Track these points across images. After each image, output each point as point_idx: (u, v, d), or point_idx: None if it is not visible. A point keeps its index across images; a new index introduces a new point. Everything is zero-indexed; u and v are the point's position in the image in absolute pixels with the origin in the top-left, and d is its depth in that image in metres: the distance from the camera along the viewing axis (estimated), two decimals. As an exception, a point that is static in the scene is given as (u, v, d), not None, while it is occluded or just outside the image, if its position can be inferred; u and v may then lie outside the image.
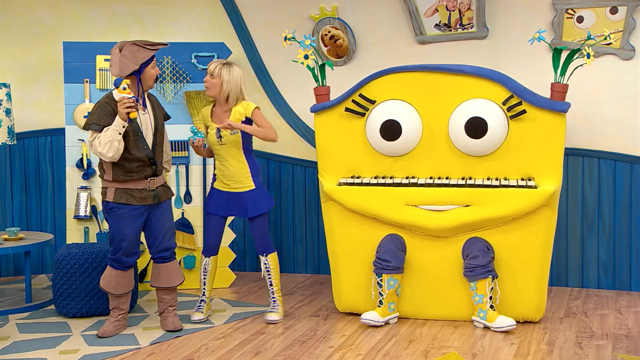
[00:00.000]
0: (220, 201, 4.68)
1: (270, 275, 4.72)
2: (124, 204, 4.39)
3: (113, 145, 4.24)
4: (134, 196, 4.40)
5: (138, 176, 4.40)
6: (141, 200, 4.41)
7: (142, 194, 4.42)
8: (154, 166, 4.45)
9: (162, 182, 4.54)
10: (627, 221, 5.25)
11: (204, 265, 4.77)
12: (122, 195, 4.39)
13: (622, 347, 4.18)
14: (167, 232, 4.54)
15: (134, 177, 4.39)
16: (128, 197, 4.39)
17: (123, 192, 4.39)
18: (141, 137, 4.38)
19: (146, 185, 4.43)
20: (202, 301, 4.78)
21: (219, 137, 4.58)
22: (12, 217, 5.96)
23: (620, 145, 5.22)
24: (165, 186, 4.58)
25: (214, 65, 4.59)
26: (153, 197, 4.45)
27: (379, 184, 4.67)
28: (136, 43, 4.38)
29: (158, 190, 4.48)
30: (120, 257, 4.45)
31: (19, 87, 5.81)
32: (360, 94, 4.73)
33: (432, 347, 4.22)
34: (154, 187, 4.46)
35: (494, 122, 4.50)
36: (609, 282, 5.32)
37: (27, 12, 5.89)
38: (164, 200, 4.52)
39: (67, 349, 4.26)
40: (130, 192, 4.40)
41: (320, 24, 5.64)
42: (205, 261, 4.77)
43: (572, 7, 5.17)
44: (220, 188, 4.68)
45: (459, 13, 5.35)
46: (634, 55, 5.12)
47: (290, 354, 4.14)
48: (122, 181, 4.39)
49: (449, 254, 4.62)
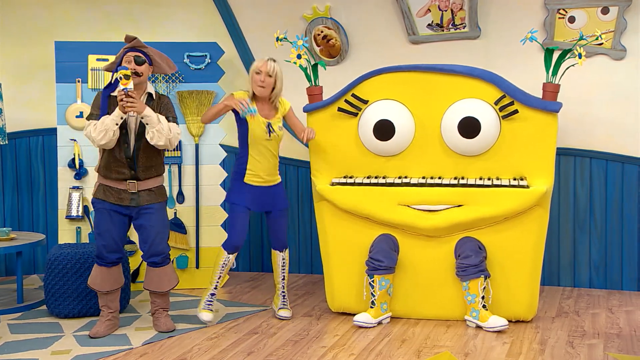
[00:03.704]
0: (254, 196, 4.60)
1: (284, 271, 4.78)
2: (102, 199, 4.41)
3: (107, 134, 4.24)
4: (112, 194, 4.40)
5: (116, 176, 4.38)
6: (118, 200, 4.40)
7: (120, 194, 4.40)
8: (132, 170, 4.38)
9: (147, 187, 4.44)
10: (619, 221, 5.27)
11: (224, 261, 4.62)
12: (102, 192, 4.42)
13: (614, 346, 4.20)
14: (157, 236, 4.46)
15: (112, 177, 4.38)
16: (107, 194, 4.41)
17: (103, 188, 4.42)
18: (125, 135, 4.35)
19: (126, 186, 4.39)
20: (213, 294, 4.67)
21: (269, 132, 4.56)
22: (3, 217, 5.95)
23: (611, 145, 5.24)
24: (154, 190, 4.47)
25: (270, 64, 4.53)
26: (131, 200, 4.40)
27: (372, 184, 4.68)
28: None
29: (140, 194, 4.41)
30: (100, 253, 4.45)
31: (10, 86, 5.80)
32: (353, 93, 4.74)
33: (425, 347, 4.23)
34: (134, 190, 4.39)
35: (486, 122, 4.51)
36: (600, 282, 5.35)
37: (20, 11, 5.87)
38: (146, 204, 4.42)
39: (59, 350, 4.25)
40: (109, 190, 4.41)
41: (313, 23, 5.64)
42: (226, 257, 4.62)
43: (563, 7, 5.19)
44: (254, 183, 4.60)
45: (452, 13, 5.36)
46: (625, 56, 5.14)
47: (283, 354, 4.14)
48: (103, 175, 4.41)
49: (441, 253, 4.63)
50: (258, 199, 4.63)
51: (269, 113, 4.62)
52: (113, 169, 4.37)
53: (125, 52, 4.35)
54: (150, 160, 4.43)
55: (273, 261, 4.82)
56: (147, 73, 4.39)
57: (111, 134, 4.24)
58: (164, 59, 4.49)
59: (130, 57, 4.33)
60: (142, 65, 4.34)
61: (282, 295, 4.80)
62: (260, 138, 4.57)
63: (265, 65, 4.54)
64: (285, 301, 4.80)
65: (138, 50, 4.36)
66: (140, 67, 4.33)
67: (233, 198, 4.63)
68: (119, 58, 4.36)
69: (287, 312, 4.75)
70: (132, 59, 4.32)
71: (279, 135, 4.63)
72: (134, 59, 4.32)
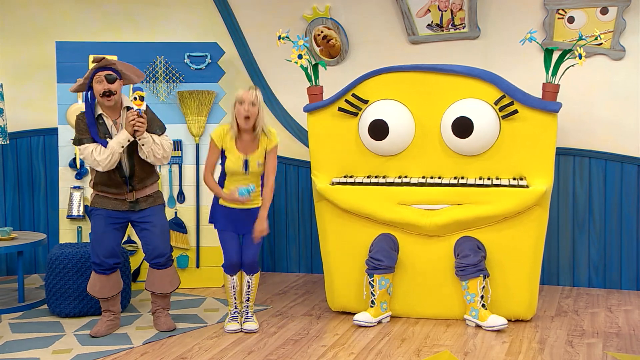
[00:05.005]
0: (232, 219, 4.44)
1: (249, 293, 4.56)
2: (99, 207, 4.44)
3: (114, 157, 4.26)
4: (109, 202, 4.42)
5: (115, 191, 4.40)
6: (116, 206, 4.42)
7: (118, 201, 4.43)
8: (130, 186, 4.40)
9: (145, 194, 4.46)
10: (618, 220, 5.29)
11: (232, 284, 4.51)
12: (98, 200, 4.45)
13: (613, 345, 4.21)
14: (160, 237, 4.48)
15: (111, 191, 4.41)
16: (104, 201, 4.43)
17: (100, 197, 4.45)
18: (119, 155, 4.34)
19: (124, 197, 4.42)
20: (237, 312, 4.56)
21: (245, 169, 4.39)
22: (4, 217, 5.96)
23: (610, 144, 5.25)
24: (152, 196, 4.50)
25: (250, 92, 4.33)
26: (129, 206, 4.43)
27: (372, 184, 4.69)
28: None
29: (137, 201, 4.44)
30: (97, 259, 4.45)
31: (11, 86, 5.81)
32: (353, 93, 4.75)
33: (425, 346, 4.24)
34: (132, 199, 4.43)
35: (481, 122, 4.51)
36: (599, 281, 5.36)
37: (19, 11, 5.88)
38: (145, 208, 4.45)
39: (60, 349, 4.26)
40: (107, 198, 4.43)
41: (313, 24, 5.65)
42: (231, 280, 4.50)
43: (563, 7, 5.20)
44: (231, 205, 4.43)
45: (451, 13, 5.37)
46: (624, 56, 5.16)
47: (283, 353, 4.15)
48: (99, 191, 4.45)
49: (441, 253, 4.65)
50: (232, 222, 4.45)
51: (248, 147, 4.40)
52: (110, 185, 4.41)
53: (94, 72, 4.32)
54: (144, 171, 4.46)
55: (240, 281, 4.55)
56: (119, 89, 4.37)
57: (117, 157, 4.26)
58: (131, 69, 4.43)
59: (101, 77, 4.29)
60: (114, 82, 4.31)
61: (247, 313, 4.56)
62: (236, 172, 4.40)
63: (247, 94, 4.31)
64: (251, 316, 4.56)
65: (107, 68, 4.32)
66: (112, 85, 4.30)
67: (215, 223, 4.52)
68: (88, 79, 4.34)
69: (254, 324, 4.52)
70: (104, 79, 4.28)
71: (257, 171, 4.42)
72: (105, 77, 4.28)
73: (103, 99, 4.31)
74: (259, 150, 4.42)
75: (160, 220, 4.50)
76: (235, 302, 4.56)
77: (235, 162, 4.39)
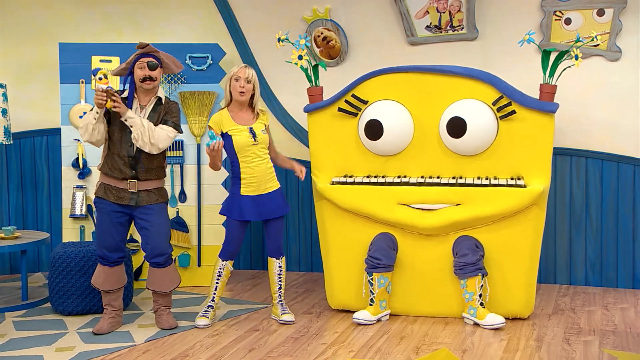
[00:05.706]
0: (250, 207, 4.55)
1: (280, 280, 4.70)
2: (102, 198, 4.48)
3: (88, 129, 4.35)
4: (112, 193, 4.46)
5: (119, 175, 4.43)
6: (118, 199, 4.45)
7: (120, 193, 4.46)
8: (133, 170, 4.44)
9: (147, 188, 4.49)
10: (614, 219, 5.32)
11: (219, 269, 4.65)
12: (102, 190, 4.49)
13: (609, 342, 4.24)
14: (159, 237, 4.50)
15: (115, 175, 4.44)
16: (107, 193, 4.47)
17: (104, 187, 4.48)
18: (126, 135, 4.41)
19: (126, 186, 4.45)
20: (210, 306, 4.67)
21: (254, 137, 4.53)
22: (8, 216, 5.99)
23: (607, 145, 5.28)
24: (154, 191, 4.52)
25: (247, 70, 4.53)
26: (130, 199, 4.46)
27: (372, 183, 4.73)
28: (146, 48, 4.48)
29: (140, 194, 4.47)
30: (101, 252, 4.51)
31: (13, 86, 5.83)
32: (353, 94, 4.78)
33: (423, 344, 4.27)
34: (134, 190, 4.45)
35: (476, 122, 4.53)
36: (596, 279, 5.39)
37: (21, 12, 5.91)
38: (146, 204, 4.48)
39: (62, 346, 4.29)
40: (110, 189, 4.47)
41: (313, 25, 5.69)
42: (221, 264, 4.65)
43: (560, 9, 5.23)
44: (250, 193, 4.55)
45: (449, 15, 5.41)
46: (620, 57, 5.19)
47: (284, 351, 4.18)
48: (105, 173, 4.48)
49: (439, 252, 4.68)
50: (254, 208, 4.55)
51: (249, 119, 4.58)
52: (115, 167, 4.44)
53: (137, 58, 4.42)
54: (152, 162, 4.48)
55: (269, 269, 4.72)
56: (159, 76, 4.47)
57: (90, 128, 4.34)
58: (171, 59, 4.56)
59: (143, 63, 4.42)
60: (155, 69, 4.43)
61: (280, 304, 4.72)
62: (246, 145, 4.52)
63: (243, 72, 4.51)
64: (285, 308, 4.72)
65: (149, 55, 4.44)
66: (153, 72, 4.42)
67: (225, 211, 4.62)
68: (130, 64, 4.44)
69: (290, 316, 4.68)
70: (146, 65, 4.41)
71: (265, 139, 4.58)
72: (147, 64, 4.40)
73: (143, 84, 4.44)
74: (259, 121, 4.62)
75: (161, 219, 4.52)
76: (214, 293, 4.66)
77: (242, 134, 4.53)
